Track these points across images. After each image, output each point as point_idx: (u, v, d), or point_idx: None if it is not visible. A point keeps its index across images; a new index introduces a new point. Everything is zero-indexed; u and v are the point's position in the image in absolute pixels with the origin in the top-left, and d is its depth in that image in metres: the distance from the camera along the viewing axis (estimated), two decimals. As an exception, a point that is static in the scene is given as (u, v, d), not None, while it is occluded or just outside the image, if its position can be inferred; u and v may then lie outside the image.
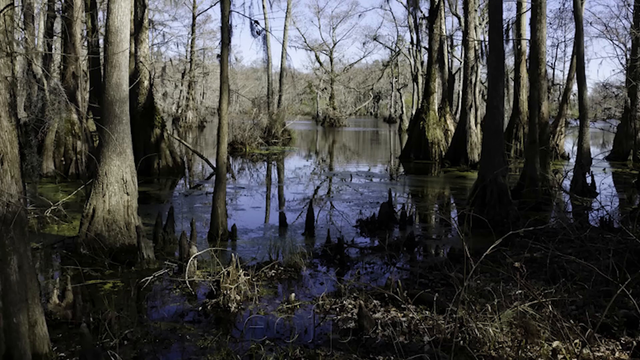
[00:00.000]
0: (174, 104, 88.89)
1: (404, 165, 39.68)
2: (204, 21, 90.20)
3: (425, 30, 55.95)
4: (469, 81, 39.09)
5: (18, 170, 8.27)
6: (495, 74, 20.80)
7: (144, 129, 31.25)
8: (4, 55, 8.18)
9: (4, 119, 8.06)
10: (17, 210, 8.02)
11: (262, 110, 56.81)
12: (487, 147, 20.91)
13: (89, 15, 34.88)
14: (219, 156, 17.73)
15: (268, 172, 36.05)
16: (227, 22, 18.48)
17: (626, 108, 42.35)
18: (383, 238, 16.75)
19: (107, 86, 15.74)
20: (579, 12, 27.03)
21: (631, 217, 17.73)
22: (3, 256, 7.87)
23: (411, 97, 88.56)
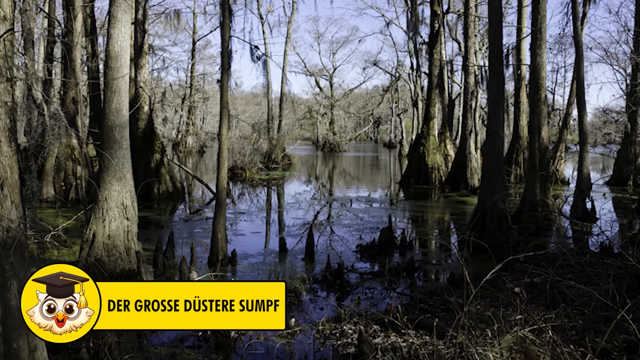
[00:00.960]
0: (174, 129, 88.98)
1: (404, 190, 39.68)
2: (204, 46, 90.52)
3: (425, 56, 56.11)
4: (469, 106, 39.15)
5: (18, 196, 8.27)
6: (495, 99, 20.85)
7: (144, 154, 31.26)
8: (4, 80, 8.20)
9: (4, 144, 8.07)
10: (17, 236, 8.02)
11: (262, 136, 56.88)
12: (487, 172, 20.94)
13: (89, 41, 34.97)
14: (219, 181, 17.75)
15: (268, 197, 36.06)
16: (227, 47, 18.54)
17: (626, 133, 42.37)
18: (383, 263, 16.74)
19: (107, 111, 15.78)
20: (579, 37, 27.12)
21: (631, 242, 17.72)
22: (3, 281, 7.86)
23: (411, 122, 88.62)
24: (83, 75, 37.44)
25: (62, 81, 32.53)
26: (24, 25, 31.86)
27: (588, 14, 38.05)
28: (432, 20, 42.15)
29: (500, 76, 20.92)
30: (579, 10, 27.47)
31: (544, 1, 24.69)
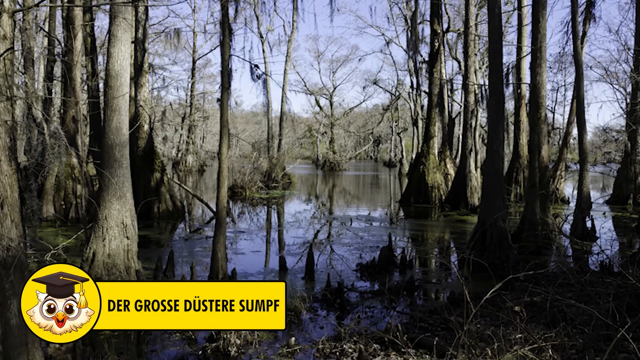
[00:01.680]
0: (174, 148, 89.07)
1: (404, 209, 39.67)
2: (204, 65, 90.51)
3: (425, 74, 56.29)
4: (469, 125, 39.17)
5: (18, 214, 8.28)
6: (495, 118, 20.87)
7: (144, 173, 31.26)
8: (4, 99, 8.22)
9: (4, 163, 8.08)
10: (17, 254, 8.03)
11: (262, 154, 56.91)
12: (487, 191, 20.95)
13: (89, 60, 35.04)
14: (219, 200, 17.74)
15: (268, 216, 36.05)
16: (227, 66, 18.58)
17: (626, 152, 42.37)
18: (383, 282, 16.74)
19: (107, 130, 15.81)
20: (579, 56, 27.17)
21: (631, 261, 17.70)
22: (3, 300, 7.86)
23: (411, 141, 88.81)
24: (83, 94, 37.52)
25: (62, 100, 32.57)
26: (24, 44, 31.97)
27: (588, 32, 38.12)
28: (432, 39, 42.24)
29: (500, 95, 20.96)
30: (579, 29, 27.53)
31: (544, 20, 24.76)
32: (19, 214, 8.30)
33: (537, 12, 24.75)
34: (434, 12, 42.02)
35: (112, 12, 16.41)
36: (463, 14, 49.30)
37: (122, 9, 16.15)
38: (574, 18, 27.23)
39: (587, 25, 37.87)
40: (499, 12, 21.13)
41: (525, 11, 38.31)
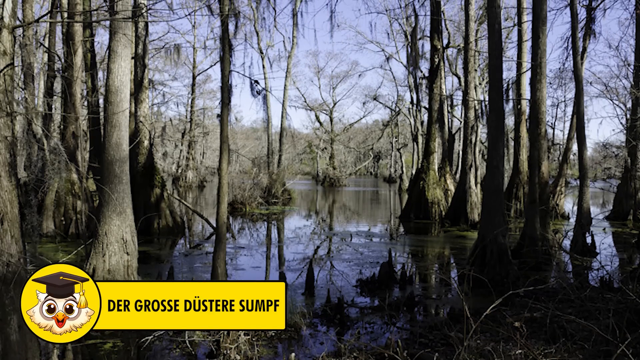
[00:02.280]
0: (174, 164, 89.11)
1: (404, 225, 39.65)
2: (204, 81, 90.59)
3: (425, 90, 56.35)
4: (469, 141, 39.19)
5: (18, 230, 8.29)
6: (495, 134, 20.89)
7: (144, 189, 31.28)
8: (4, 115, 8.25)
9: (4, 179, 8.10)
10: (17, 270, 8.04)
11: (262, 170, 56.94)
12: (487, 207, 20.95)
13: (89, 75, 35.08)
14: (219, 216, 17.74)
15: (268, 232, 36.03)
16: (227, 81, 18.60)
17: (626, 168, 42.37)
18: (383, 298, 16.74)
19: (107, 146, 15.83)
20: (579, 72, 27.21)
21: (631, 277, 17.71)
22: (3, 316, 7.86)
23: (411, 157, 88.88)
24: (83, 110, 37.55)
25: (62, 116, 32.59)
26: (24, 60, 31.97)
27: (588, 48, 38.18)
28: (432, 54, 42.31)
29: (500, 111, 20.98)
30: (579, 45, 27.58)
31: (544, 36, 24.79)
32: (19, 229, 8.31)
33: (537, 28, 24.78)
34: (434, 28, 42.09)
35: (112, 28, 16.46)
36: (463, 30, 49.37)
37: (122, 25, 16.20)
38: (574, 34, 27.29)
39: (587, 41, 37.94)
40: (499, 27, 21.17)
41: (525, 27, 38.42)
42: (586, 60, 39.18)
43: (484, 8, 55.54)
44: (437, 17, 42.18)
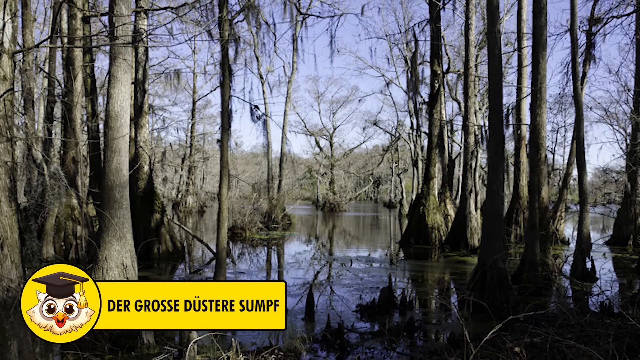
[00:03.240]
0: (174, 189, 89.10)
1: (404, 250, 39.60)
2: (204, 106, 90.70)
3: (425, 115, 56.47)
4: (469, 166, 39.20)
5: (18, 255, 8.31)
6: (495, 159, 20.92)
7: (144, 214, 31.29)
8: (4, 140, 8.28)
9: (4, 204, 8.12)
10: (17, 295, 8.04)
11: (262, 195, 56.93)
12: (487, 232, 20.94)
13: (89, 100, 35.15)
14: (219, 241, 17.76)
15: (268, 257, 35.98)
16: (227, 107, 18.67)
17: (626, 193, 42.34)
18: (383, 323, 16.72)
19: (107, 171, 15.86)
20: (579, 97, 27.26)
21: (631, 302, 17.69)
22: (3, 341, 7.86)
23: (411, 182, 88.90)
24: (83, 135, 37.59)
25: (62, 141, 32.63)
26: (24, 85, 32.04)
27: (588, 73, 38.28)
28: (432, 80, 42.38)
29: (500, 136, 21.02)
30: (579, 70, 27.64)
31: (544, 61, 24.85)
32: (19, 254, 8.32)
33: (537, 53, 24.85)
34: (434, 53, 42.19)
35: (112, 53, 16.52)
36: (463, 55, 49.57)
37: (122, 50, 16.26)
38: (574, 59, 27.36)
39: (587, 66, 38.04)
40: (499, 53, 21.22)
41: (525, 52, 38.49)
42: (586, 85, 39.28)
43: (484, 33, 55.74)
44: (437, 43, 42.28)
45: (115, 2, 16.39)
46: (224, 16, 19.62)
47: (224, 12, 19.68)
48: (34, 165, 28.56)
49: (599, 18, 36.76)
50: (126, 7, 16.41)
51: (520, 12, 38.92)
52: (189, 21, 43.42)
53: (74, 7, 29.58)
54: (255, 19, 31.44)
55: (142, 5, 30.71)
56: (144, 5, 30.93)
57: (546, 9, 24.63)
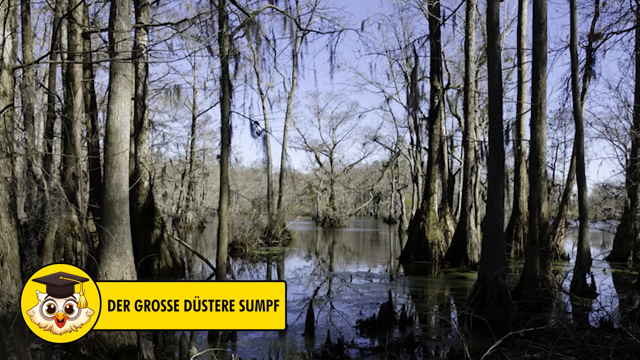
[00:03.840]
0: (174, 205, 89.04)
1: (404, 265, 39.58)
2: (204, 122, 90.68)
3: (425, 131, 56.50)
4: (469, 182, 39.21)
5: (18, 271, 8.32)
6: (495, 175, 20.93)
7: (144, 230, 31.29)
8: (4, 156, 8.30)
9: (4, 220, 8.14)
10: (17, 311, 8.05)
11: (262, 211, 56.87)
12: (487, 248, 20.95)
13: (89, 116, 35.18)
14: (219, 257, 17.77)
15: (268, 273, 35.96)
16: (227, 122, 18.71)
17: (626, 209, 42.32)
18: (383, 339, 16.71)
19: (107, 187, 15.87)
20: (579, 112, 27.31)
21: (631, 318, 17.68)
22: (3, 357, 7.87)
23: (411, 198, 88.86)
24: (83, 151, 37.59)
25: (62, 157, 32.64)
26: (24, 101, 32.06)
27: (588, 89, 38.34)
28: (432, 95, 42.43)
29: (500, 152, 21.04)
30: (579, 86, 27.71)
31: (544, 77, 24.89)
32: (19, 270, 8.33)
33: (537, 69, 24.89)
34: (434, 69, 42.27)
35: (112, 69, 16.54)
36: (463, 71, 49.57)
37: (122, 66, 16.28)
38: (574, 75, 27.41)
39: (587, 82, 38.09)
40: (499, 68, 21.27)
41: (525, 68, 38.57)
42: (586, 101, 39.33)
43: (484, 49, 55.83)
44: (437, 58, 42.37)
45: (115, 18, 16.43)
46: (224, 32, 19.68)
47: (224, 27, 19.74)
48: (34, 181, 28.56)
49: (599, 34, 36.84)
50: (126, 23, 16.45)
51: (520, 28, 38.99)
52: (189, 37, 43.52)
53: (74, 23, 29.65)
54: (255, 34, 31.53)
55: (142, 21, 30.83)
56: (144, 21, 31.05)
57: (546, 25, 24.69)
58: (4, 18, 8.80)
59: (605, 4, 38.66)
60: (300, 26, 48.70)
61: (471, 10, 38.77)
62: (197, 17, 33.68)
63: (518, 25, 39.45)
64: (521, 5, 38.35)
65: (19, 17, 30.11)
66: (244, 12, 33.38)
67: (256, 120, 22.73)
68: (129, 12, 16.44)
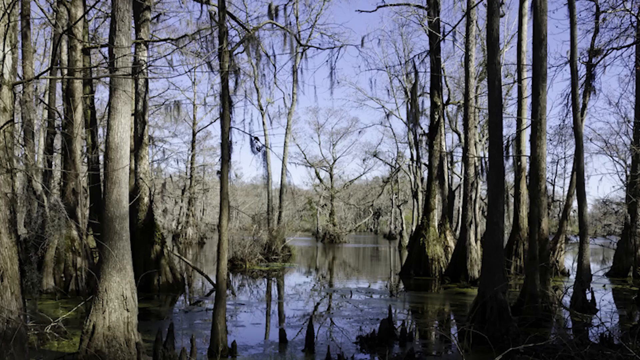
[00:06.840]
0: (174, 221, 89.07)
1: (404, 281, 39.55)
2: (204, 137, 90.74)
3: (425, 147, 56.52)
4: (469, 197, 39.24)
5: (18, 287, 8.33)
6: (495, 191, 20.95)
7: (144, 246, 31.28)
8: (4, 171, 8.33)
9: (4, 236, 8.15)
10: (17, 327, 8.06)
11: (262, 227, 56.86)
12: (487, 264, 20.95)
13: (89, 132, 35.25)
14: (219, 272, 17.76)
15: (268, 289, 35.94)
16: (227, 138, 18.72)
17: (626, 224, 42.33)
18: (383, 354, 16.72)
19: (107, 202, 15.87)
20: (579, 128, 27.34)
21: (631, 334, 17.69)
22: (3, 372, 7.87)
23: (411, 214, 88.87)
24: (83, 167, 37.67)
25: (62, 172, 32.71)
26: (24, 117, 32.12)
27: (588, 105, 38.42)
28: (432, 111, 42.49)
29: (500, 167, 21.06)
30: (579, 102, 27.74)
31: (544, 93, 24.92)
32: (19, 286, 8.35)
33: (537, 85, 24.93)
34: (434, 85, 42.35)
35: (112, 85, 16.56)
36: (463, 87, 49.68)
37: (122, 82, 16.31)
38: (574, 90, 27.46)
39: (587, 98, 38.17)
40: (499, 84, 21.31)
41: (525, 84, 38.63)
42: (586, 116, 39.41)
43: (484, 65, 55.97)
44: (437, 74, 42.46)
45: (115, 34, 16.45)
46: (224, 47, 19.71)
47: (224, 43, 19.77)
48: (34, 197, 28.59)
49: (599, 50, 36.96)
50: (126, 39, 16.48)
51: (520, 44, 39.12)
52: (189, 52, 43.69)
53: (74, 39, 29.76)
54: (255, 50, 31.64)
55: (142, 36, 30.90)
56: (144, 37, 31.12)
57: (546, 41, 24.75)
58: (4, 34, 8.85)
59: (605, 19, 38.80)
60: (300, 42, 48.87)
61: (471, 26, 38.91)
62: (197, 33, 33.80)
63: (518, 41, 39.59)
64: (521, 21, 38.52)
65: (19, 33, 30.22)
66: (244, 27, 33.55)
67: (256, 136, 22.72)
68: (129, 27, 16.47)
